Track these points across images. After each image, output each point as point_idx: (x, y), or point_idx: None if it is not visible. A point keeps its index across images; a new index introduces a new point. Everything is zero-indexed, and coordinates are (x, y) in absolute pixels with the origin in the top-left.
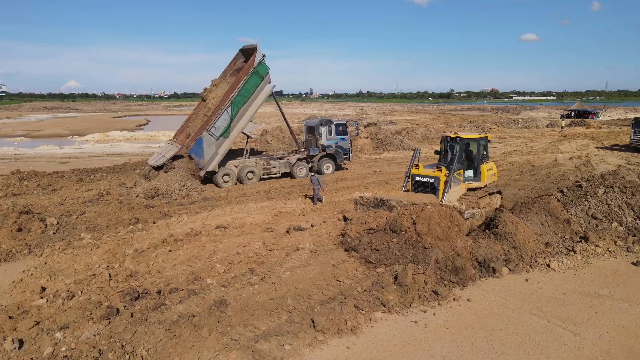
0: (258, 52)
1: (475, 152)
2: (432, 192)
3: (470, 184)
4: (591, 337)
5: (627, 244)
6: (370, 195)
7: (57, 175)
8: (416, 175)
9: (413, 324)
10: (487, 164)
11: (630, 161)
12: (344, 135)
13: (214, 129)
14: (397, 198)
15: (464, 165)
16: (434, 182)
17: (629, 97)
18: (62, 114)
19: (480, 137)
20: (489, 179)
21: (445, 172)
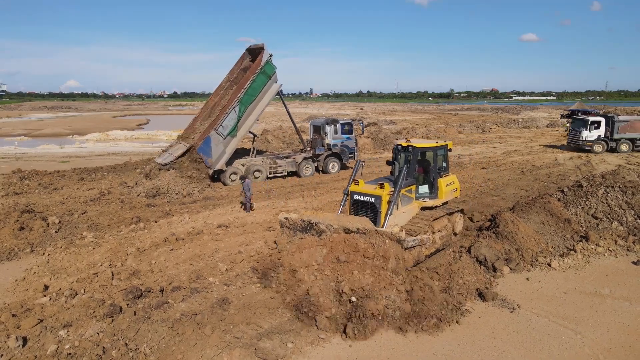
0: (265, 52)
1: (432, 163)
2: (373, 213)
3: (424, 202)
4: (592, 335)
5: (627, 243)
6: (296, 217)
7: (58, 174)
8: (355, 193)
9: None
10: (447, 177)
11: (630, 161)
12: (349, 134)
13: (221, 128)
14: (327, 221)
15: (419, 179)
16: (374, 202)
17: (628, 97)
18: (62, 114)
19: (439, 146)
20: (449, 195)
21: (389, 190)
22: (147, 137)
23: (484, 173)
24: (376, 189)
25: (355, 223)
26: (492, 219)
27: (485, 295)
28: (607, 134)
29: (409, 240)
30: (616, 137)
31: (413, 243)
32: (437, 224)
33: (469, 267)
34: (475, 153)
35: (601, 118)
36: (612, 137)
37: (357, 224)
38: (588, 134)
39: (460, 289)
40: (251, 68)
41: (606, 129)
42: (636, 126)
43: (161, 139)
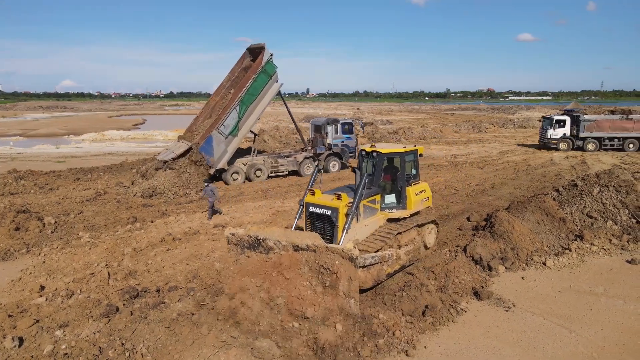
0: (266, 51)
1: (400, 170)
2: (330, 227)
3: (391, 213)
4: (586, 333)
5: (621, 242)
6: (243, 232)
7: (54, 174)
8: (310, 205)
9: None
10: (417, 185)
11: (625, 160)
12: (349, 134)
13: (223, 127)
14: (275, 237)
15: (385, 188)
16: (330, 214)
17: (624, 97)
18: (57, 113)
19: (407, 151)
20: (419, 205)
21: (347, 201)
22: (143, 137)
23: (480, 172)
24: (333, 200)
25: (305, 239)
26: (488, 218)
27: (480, 294)
28: (573, 132)
29: (367, 257)
30: (582, 135)
31: (372, 260)
32: (403, 237)
33: (465, 266)
34: (472, 153)
35: (566, 117)
36: (577, 136)
37: (307, 240)
38: (553, 133)
39: (456, 288)
40: (252, 67)
41: (572, 128)
42: (602, 125)
43: (157, 139)
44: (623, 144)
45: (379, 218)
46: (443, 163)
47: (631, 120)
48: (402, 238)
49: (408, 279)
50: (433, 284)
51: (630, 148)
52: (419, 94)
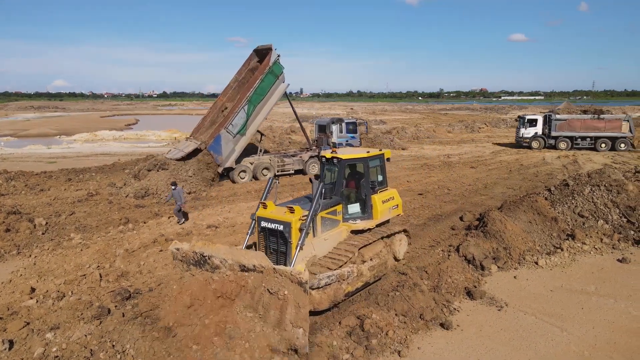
0: (273, 52)
1: (364, 177)
2: (283, 244)
3: (355, 225)
4: (578, 332)
5: (612, 241)
6: (188, 248)
7: (45, 175)
8: (262, 219)
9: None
10: (384, 192)
11: (616, 160)
12: (354, 133)
13: (231, 126)
14: (221, 255)
15: (349, 197)
16: (283, 229)
17: (615, 97)
18: (49, 114)
19: (372, 156)
20: (387, 214)
21: (300, 214)
22: (136, 137)
23: (472, 172)
24: (285, 213)
25: (252, 259)
26: (481, 218)
27: (473, 293)
28: (545, 131)
29: (322, 277)
30: (554, 134)
31: (328, 280)
32: (367, 251)
33: (458, 266)
34: (464, 152)
35: (538, 116)
36: (549, 135)
37: (254, 260)
38: (525, 132)
39: (449, 287)
40: (260, 68)
41: (544, 127)
42: (574, 125)
43: (150, 139)
44: (595, 143)
45: (341, 230)
46: (436, 163)
47: (602, 120)
48: (366, 252)
49: (401, 279)
50: (426, 284)
51: (602, 148)
52: (412, 94)
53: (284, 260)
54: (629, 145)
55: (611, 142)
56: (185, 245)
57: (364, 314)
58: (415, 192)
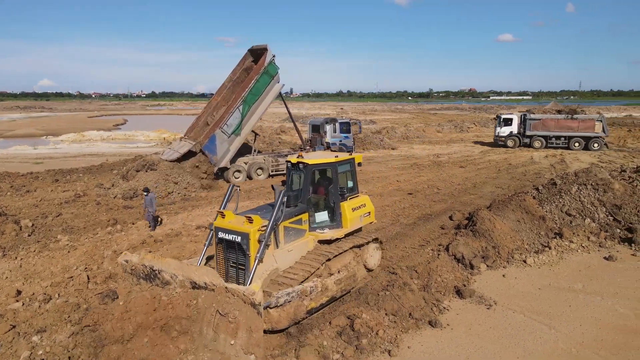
0: (268, 52)
1: (332, 183)
2: (242, 257)
3: (323, 234)
4: (565, 329)
5: (599, 240)
6: (137, 260)
7: (31, 176)
8: (220, 230)
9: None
10: (355, 199)
11: (602, 159)
12: (347, 133)
13: (226, 126)
14: (171, 270)
15: (318, 204)
16: (240, 241)
17: (601, 96)
18: (35, 114)
19: (341, 161)
20: (357, 222)
21: (260, 224)
22: (124, 137)
23: (462, 172)
24: (244, 223)
25: (203, 276)
26: (470, 217)
27: (463, 292)
28: (521, 130)
29: (280, 294)
30: (529, 133)
31: (287, 298)
32: (335, 263)
33: (447, 265)
34: (454, 152)
35: (513, 116)
36: (524, 134)
37: (205, 276)
38: (501, 130)
39: (438, 286)
40: (255, 68)
41: (519, 126)
42: (548, 124)
43: (139, 139)
44: (569, 142)
45: (308, 241)
46: (426, 162)
47: (576, 119)
48: (333, 264)
49: (391, 278)
50: (416, 283)
51: (575, 147)
52: (402, 94)
53: (244, 274)
54: (602, 145)
55: (585, 142)
56: (135, 257)
57: (354, 314)
58: (405, 192)
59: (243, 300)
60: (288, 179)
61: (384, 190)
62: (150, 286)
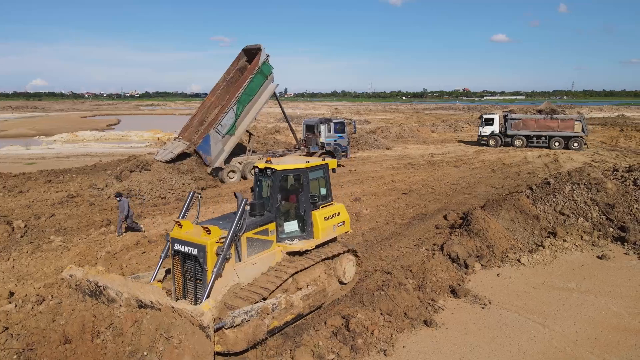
0: (263, 52)
1: (303, 190)
2: (200, 269)
3: (292, 246)
4: (559, 328)
5: (592, 239)
6: (82, 275)
7: (23, 176)
8: (176, 241)
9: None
10: (328, 207)
11: (595, 159)
12: (342, 133)
13: (220, 126)
14: (116, 286)
15: (284, 213)
16: (197, 254)
17: (593, 96)
18: (27, 114)
19: (312, 167)
20: (330, 232)
21: (218, 235)
22: (117, 137)
23: (456, 171)
24: (201, 235)
25: (149, 294)
26: (464, 216)
27: (457, 291)
28: (502, 130)
29: (237, 313)
30: (510, 133)
31: (245, 317)
32: (304, 276)
33: (442, 264)
34: (448, 152)
35: (495, 115)
36: (506, 133)
37: (151, 294)
38: (483, 130)
39: (433, 286)
40: (249, 68)
41: (501, 126)
42: (528, 124)
43: (133, 139)
44: (549, 142)
45: (275, 252)
46: (420, 162)
47: (555, 119)
48: (301, 278)
49: (386, 278)
50: (411, 283)
51: (555, 146)
52: (396, 94)
53: (202, 290)
54: (581, 144)
55: (565, 141)
56: (80, 271)
57: (349, 314)
58: (399, 192)
59: (191, 322)
60: (256, 185)
61: (379, 190)
62: (96, 303)
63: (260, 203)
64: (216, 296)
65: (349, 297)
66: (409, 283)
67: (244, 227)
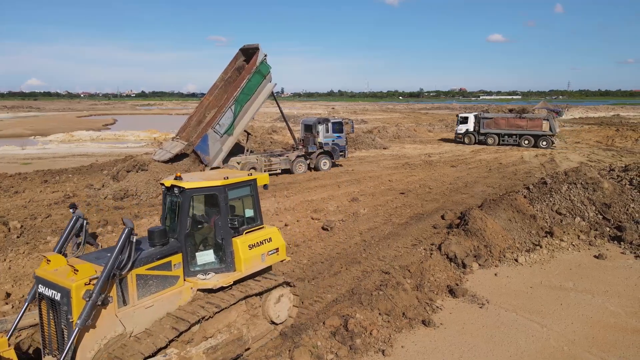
0: (260, 52)
1: (220, 212)
2: (64, 319)
3: (205, 281)
4: (557, 328)
5: (589, 238)
6: None
7: (19, 176)
8: (40, 281)
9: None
10: (255, 232)
11: (591, 158)
12: (340, 132)
13: (218, 126)
14: None
15: (198, 242)
16: (60, 299)
17: (589, 96)
18: (23, 113)
19: (232, 184)
20: (258, 262)
21: (88, 275)
22: (114, 137)
23: (453, 171)
24: (67, 275)
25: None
26: (462, 216)
27: (455, 291)
28: (476, 128)
29: None
30: (483, 131)
31: None
32: (215, 322)
33: (440, 264)
34: (445, 152)
35: (469, 115)
36: (479, 132)
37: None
38: (458, 128)
39: (431, 286)
40: (247, 68)
41: (475, 124)
42: (499, 123)
43: (129, 139)
44: (519, 140)
45: (182, 290)
46: (417, 162)
47: (524, 118)
48: (211, 324)
49: (384, 278)
50: (409, 283)
51: (525, 144)
52: (393, 94)
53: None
54: (549, 142)
55: (534, 140)
56: None
57: (347, 314)
58: (397, 191)
59: None
60: (164, 207)
61: (376, 189)
62: None
63: (161, 230)
64: (85, 354)
65: (347, 297)
66: (407, 283)
67: (129, 263)
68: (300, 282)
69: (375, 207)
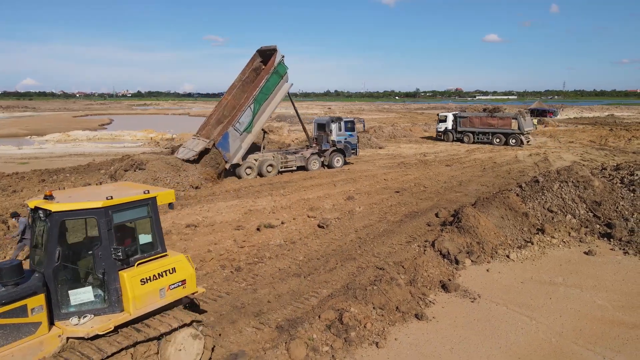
0: (278, 53)
1: (100, 241)
2: None
3: (76, 328)
4: (546, 321)
5: (579, 235)
6: None
7: (17, 176)
8: None
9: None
10: (155, 262)
11: (584, 157)
12: (352, 131)
13: (238, 124)
14: None
15: (70, 277)
16: None
17: (584, 96)
18: (18, 113)
19: (117, 205)
20: (156, 299)
21: None
22: (110, 137)
23: (448, 170)
24: None
25: None
26: (455, 214)
27: (448, 286)
28: (454, 126)
29: None
30: (460, 129)
31: None
32: None
33: (433, 260)
34: (440, 151)
35: (448, 114)
36: (457, 130)
37: None
38: (438, 127)
39: (424, 281)
40: (265, 68)
41: (453, 123)
42: (474, 122)
43: (126, 139)
44: (491, 138)
45: (44, 340)
46: (413, 161)
47: (495, 117)
48: None
49: (379, 273)
50: (403, 278)
51: (496, 142)
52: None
53: None
54: (518, 141)
55: (504, 138)
56: None
57: (342, 308)
58: (392, 190)
59: None
60: (33, 232)
61: (372, 188)
62: None
63: (13, 266)
64: None
65: (342, 292)
66: (401, 278)
67: None
68: (297, 277)
69: (370, 206)
